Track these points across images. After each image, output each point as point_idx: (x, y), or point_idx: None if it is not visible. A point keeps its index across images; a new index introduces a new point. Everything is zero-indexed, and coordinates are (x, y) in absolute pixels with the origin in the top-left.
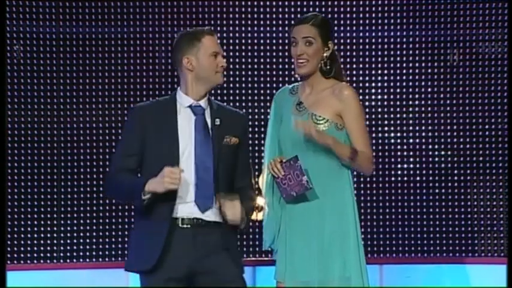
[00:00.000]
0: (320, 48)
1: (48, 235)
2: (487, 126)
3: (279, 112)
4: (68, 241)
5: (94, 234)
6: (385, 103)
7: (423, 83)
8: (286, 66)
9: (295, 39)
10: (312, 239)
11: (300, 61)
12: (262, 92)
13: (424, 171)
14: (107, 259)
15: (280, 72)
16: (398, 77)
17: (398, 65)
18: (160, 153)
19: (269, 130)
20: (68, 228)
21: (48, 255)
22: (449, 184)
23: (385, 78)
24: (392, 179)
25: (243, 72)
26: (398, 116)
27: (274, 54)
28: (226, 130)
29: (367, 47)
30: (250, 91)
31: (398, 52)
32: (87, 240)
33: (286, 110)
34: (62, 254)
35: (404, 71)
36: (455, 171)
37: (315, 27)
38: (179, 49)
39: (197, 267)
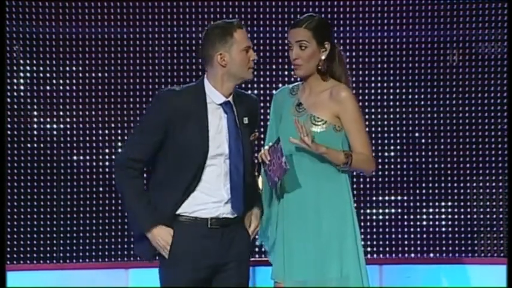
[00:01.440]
0: (315, 50)
1: (48, 235)
2: (487, 127)
3: (278, 112)
4: (68, 241)
5: (94, 234)
6: (385, 103)
7: (423, 83)
8: (286, 66)
9: (290, 43)
10: (309, 238)
11: (295, 65)
12: (262, 92)
13: (424, 171)
14: (106, 259)
15: (280, 73)
16: (398, 77)
17: (398, 65)
18: (187, 152)
19: (269, 130)
20: (68, 228)
21: (48, 255)
22: (449, 184)
23: (385, 78)
24: (392, 179)
25: None
26: (398, 116)
27: (274, 54)
28: (251, 127)
29: (367, 47)
30: (250, 91)
31: (398, 52)
32: (87, 240)
33: (285, 110)
34: (62, 254)
35: (404, 71)
36: (455, 171)
37: (308, 30)
38: (211, 44)
39: (220, 264)
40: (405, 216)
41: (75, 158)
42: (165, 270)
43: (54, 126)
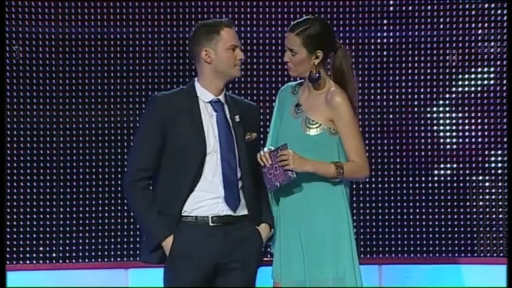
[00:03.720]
0: (305, 58)
1: (48, 235)
2: (486, 126)
3: (280, 109)
4: (68, 241)
5: (94, 234)
6: (385, 103)
7: (423, 83)
8: (286, 66)
9: (285, 46)
10: (304, 239)
11: (287, 66)
12: (261, 92)
13: (423, 172)
14: (106, 259)
15: (280, 73)
16: (398, 77)
17: (398, 65)
18: (186, 149)
19: (271, 126)
20: (68, 228)
21: (48, 255)
22: (449, 184)
23: (385, 78)
24: (392, 179)
25: (243, 72)
26: (397, 116)
27: (274, 54)
28: (246, 126)
29: (366, 47)
30: (249, 91)
31: (398, 52)
32: (87, 240)
33: (286, 109)
34: (61, 254)
35: (404, 71)
36: (455, 171)
37: (299, 38)
38: (197, 41)
39: (224, 263)
40: (405, 216)
41: (75, 158)
42: (169, 271)
43: (54, 126)
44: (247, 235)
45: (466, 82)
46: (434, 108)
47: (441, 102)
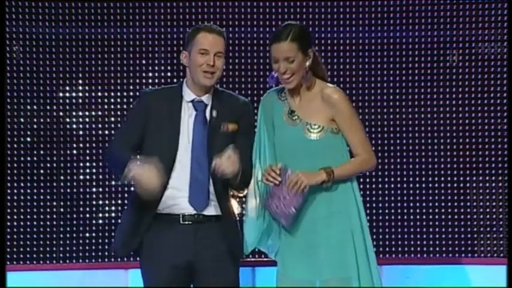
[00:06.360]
0: (302, 60)
1: (48, 235)
2: (486, 127)
3: (269, 117)
4: (68, 241)
5: (94, 234)
6: (385, 103)
7: (423, 84)
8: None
9: (276, 58)
10: (318, 241)
11: (285, 77)
12: (261, 92)
13: (424, 172)
14: (106, 259)
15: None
16: (398, 78)
17: (398, 65)
18: (160, 145)
19: (258, 136)
20: (68, 229)
21: (48, 255)
22: (449, 184)
23: (385, 79)
24: (392, 179)
25: (242, 73)
26: (398, 116)
27: None
28: (223, 118)
29: (366, 47)
30: (249, 91)
31: (398, 53)
32: (87, 241)
33: (277, 117)
34: (62, 255)
35: (404, 72)
36: (455, 171)
37: (294, 43)
38: (185, 43)
39: (196, 262)
40: (405, 216)
41: (75, 158)
42: (143, 269)
43: (54, 126)
44: (220, 234)
45: (466, 82)
46: (435, 109)
47: (441, 102)
